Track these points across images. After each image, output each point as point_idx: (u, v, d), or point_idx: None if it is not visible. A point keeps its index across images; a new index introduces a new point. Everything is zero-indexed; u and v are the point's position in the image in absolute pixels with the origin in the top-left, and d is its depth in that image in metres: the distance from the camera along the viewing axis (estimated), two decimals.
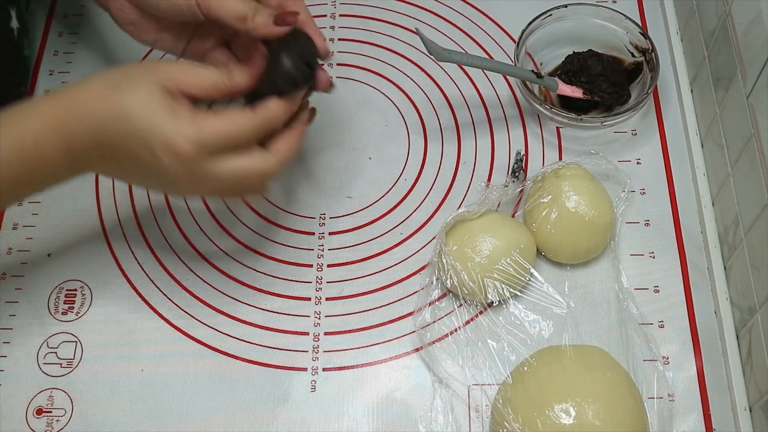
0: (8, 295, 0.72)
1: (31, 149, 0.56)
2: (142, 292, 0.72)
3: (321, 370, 0.68)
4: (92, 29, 0.87)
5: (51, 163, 0.57)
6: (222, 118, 0.57)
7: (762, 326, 0.62)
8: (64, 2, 0.88)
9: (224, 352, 0.69)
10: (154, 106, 0.56)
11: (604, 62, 0.78)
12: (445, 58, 0.71)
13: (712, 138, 0.74)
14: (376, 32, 0.86)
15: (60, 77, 0.83)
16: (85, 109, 0.56)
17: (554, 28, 0.80)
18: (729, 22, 0.69)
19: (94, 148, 0.57)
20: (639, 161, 0.77)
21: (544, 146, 0.78)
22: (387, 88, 0.82)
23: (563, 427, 0.60)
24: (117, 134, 0.56)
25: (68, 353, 0.69)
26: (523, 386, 0.63)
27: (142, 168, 0.57)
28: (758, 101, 0.64)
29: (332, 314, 0.71)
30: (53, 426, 0.66)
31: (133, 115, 0.55)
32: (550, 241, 0.70)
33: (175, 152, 0.56)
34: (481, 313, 0.69)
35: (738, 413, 0.65)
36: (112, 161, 0.58)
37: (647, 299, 0.70)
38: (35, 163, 0.56)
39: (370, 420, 0.66)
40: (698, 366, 0.68)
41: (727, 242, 0.70)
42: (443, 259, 0.68)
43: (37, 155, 0.56)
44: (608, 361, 0.64)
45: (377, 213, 0.75)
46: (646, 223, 0.74)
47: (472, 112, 0.81)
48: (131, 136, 0.56)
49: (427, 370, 0.67)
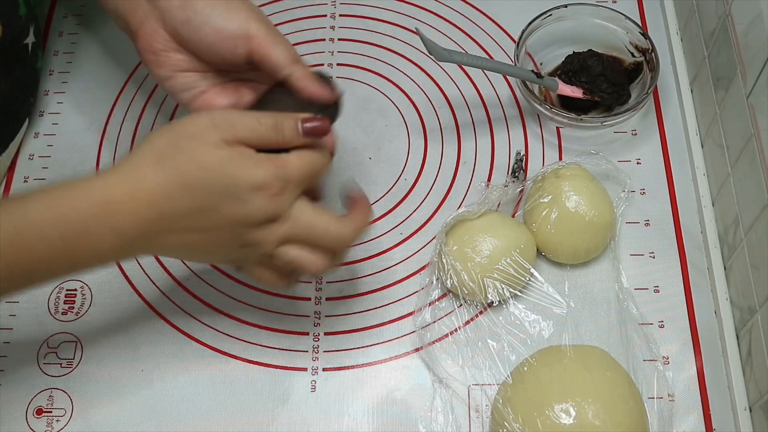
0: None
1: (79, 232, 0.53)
2: (142, 292, 0.72)
3: (321, 370, 0.68)
4: (92, 29, 0.87)
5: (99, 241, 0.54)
6: (300, 156, 0.57)
7: (762, 326, 0.62)
8: (64, 2, 0.88)
9: (224, 352, 0.69)
10: (227, 160, 0.54)
11: (604, 62, 0.78)
12: (445, 58, 0.71)
13: (712, 138, 0.74)
14: (376, 32, 0.86)
15: (60, 77, 0.83)
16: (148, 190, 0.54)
17: (554, 28, 0.80)
18: (729, 22, 0.69)
19: (166, 222, 0.54)
20: (639, 161, 0.77)
21: (544, 146, 0.78)
22: (387, 88, 0.82)
23: (563, 427, 0.60)
24: (196, 205, 0.54)
25: (68, 353, 0.69)
26: (523, 386, 0.63)
27: (222, 227, 0.55)
28: (758, 101, 0.64)
29: (332, 314, 0.71)
30: (53, 426, 0.66)
31: (210, 178, 0.54)
32: (550, 241, 0.70)
33: (266, 190, 0.54)
34: (481, 313, 0.69)
35: (738, 413, 0.65)
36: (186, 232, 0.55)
37: (647, 299, 0.70)
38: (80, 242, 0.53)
39: (370, 420, 0.66)
40: (698, 366, 0.68)
41: (727, 242, 0.70)
42: (443, 259, 0.68)
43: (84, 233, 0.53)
44: (608, 361, 0.64)
45: (377, 213, 0.75)
46: (646, 223, 0.74)
47: (472, 112, 0.81)
48: (214, 197, 0.54)
49: (427, 370, 0.67)
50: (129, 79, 0.83)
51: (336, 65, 0.84)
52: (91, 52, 0.85)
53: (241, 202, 0.55)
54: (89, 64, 0.84)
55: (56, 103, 0.82)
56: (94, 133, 0.80)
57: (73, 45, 0.86)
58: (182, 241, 0.56)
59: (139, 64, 0.84)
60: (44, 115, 0.81)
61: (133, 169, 0.54)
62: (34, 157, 0.79)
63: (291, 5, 0.87)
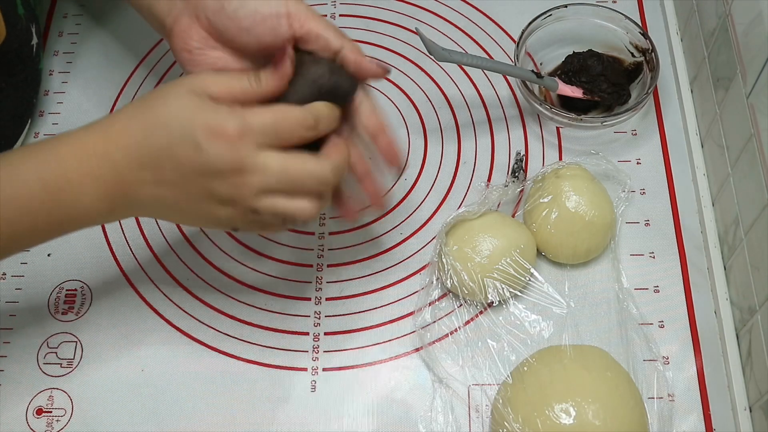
0: (8, 295, 0.72)
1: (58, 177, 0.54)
2: (142, 292, 0.72)
3: (321, 370, 0.68)
4: (92, 29, 0.87)
5: (80, 191, 0.54)
6: (267, 108, 0.56)
7: (762, 326, 0.62)
8: (64, 2, 0.88)
9: (224, 352, 0.69)
10: (191, 106, 0.55)
11: (604, 62, 0.78)
12: (445, 58, 0.71)
13: (712, 138, 0.74)
14: (376, 32, 0.86)
15: (60, 77, 0.83)
16: (119, 132, 0.55)
17: (554, 28, 0.80)
18: (729, 22, 0.69)
19: (135, 171, 0.55)
20: (639, 161, 0.77)
21: (544, 146, 0.78)
22: (387, 88, 0.82)
23: (563, 427, 0.60)
24: (159, 146, 0.54)
25: (68, 353, 0.69)
26: (523, 386, 0.63)
27: (188, 178, 0.55)
28: (758, 101, 0.64)
29: (332, 314, 0.71)
30: (53, 426, 0.66)
31: (172, 120, 0.54)
32: (550, 241, 0.70)
33: (221, 135, 0.53)
34: (481, 313, 0.69)
35: (738, 413, 0.65)
36: (156, 185, 0.55)
37: (647, 299, 0.70)
38: (62, 194, 0.54)
39: (370, 420, 0.66)
40: (698, 366, 0.68)
41: (727, 242, 0.70)
42: (443, 259, 0.68)
43: (64, 182, 0.54)
44: (608, 361, 0.64)
45: (377, 213, 0.75)
46: (646, 223, 0.74)
47: (472, 112, 0.81)
48: (174, 139, 0.54)
49: (427, 370, 0.67)
50: (129, 79, 0.83)
51: None
52: (91, 52, 0.85)
53: (199, 149, 0.54)
54: (89, 64, 0.84)
55: (56, 103, 0.82)
56: None
57: (73, 45, 0.86)
58: (156, 195, 0.56)
59: (139, 64, 0.84)
60: (44, 115, 0.81)
61: (110, 118, 0.56)
62: None
63: None
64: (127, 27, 0.86)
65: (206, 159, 0.54)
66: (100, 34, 0.86)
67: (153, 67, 0.84)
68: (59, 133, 0.57)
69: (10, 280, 0.72)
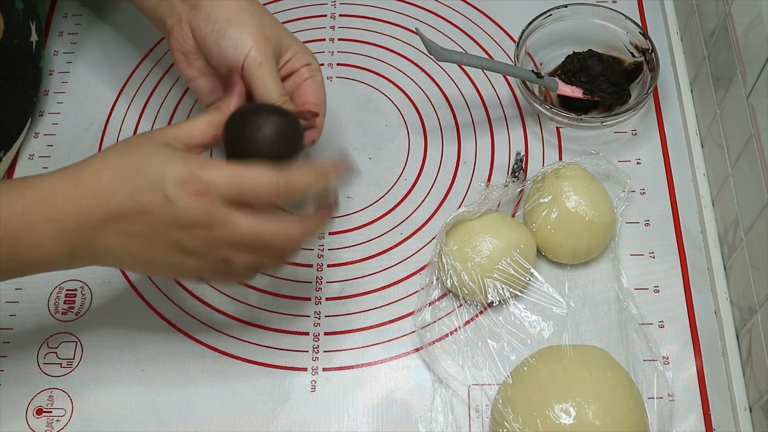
0: (8, 295, 0.72)
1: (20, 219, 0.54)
2: (142, 292, 0.72)
3: (321, 370, 0.68)
4: (92, 29, 0.87)
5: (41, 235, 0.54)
6: (235, 166, 0.56)
7: (762, 326, 0.62)
8: (64, 2, 0.88)
9: (224, 352, 0.69)
10: (162, 155, 0.55)
11: (604, 62, 0.78)
12: (445, 58, 0.71)
13: (712, 138, 0.74)
14: (376, 32, 0.86)
15: (60, 77, 0.83)
16: (89, 177, 0.55)
17: (554, 28, 0.80)
18: (729, 22, 0.69)
19: (103, 219, 0.55)
20: (639, 161, 0.77)
21: (544, 146, 0.78)
22: (387, 88, 0.82)
23: (563, 427, 0.60)
24: (128, 195, 0.54)
25: (68, 353, 0.69)
26: (523, 386, 0.63)
27: (156, 229, 0.55)
28: (758, 101, 0.64)
29: (332, 314, 0.71)
30: (53, 426, 0.66)
31: (143, 171, 0.55)
32: (550, 241, 0.70)
33: (190, 187, 0.54)
34: (481, 313, 0.69)
35: (738, 413, 0.65)
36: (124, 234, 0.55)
37: (647, 299, 0.70)
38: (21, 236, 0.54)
39: (370, 420, 0.66)
40: (698, 366, 0.68)
41: (727, 242, 0.70)
42: (443, 259, 0.68)
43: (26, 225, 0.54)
44: (608, 361, 0.64)
45: (377, 213, 0.75)
46: (646, 223, 0.74)
47: (472, 112, 0.81)
48: (144, 189, 0.54)
49: (427, 370, 0.67)
50: (129, 79, 0.83)
51: (336, 65, 0.84)
52: (91, 52, 0.85)
53: (168, 199, 0.54)
54: (89, 64, 0.84)
55: (56, 103, 0.82)
56: (94, 133, 0.80)
57: (73, 45, 0.86)
58: (122, 244, 0.56)
59: (138, 65, 0.84)
60: (44, 115, 0.81)
61: (81, 165, 0.56)
62: (34, 157, 0.79)
63: (291, 5, 0.87)
64: (127, 27, 0.86)
65: (175, 211, 0.55)
66: (100, 35, 0.86)
67: (153, 67, 0.84)
68: (28, 176, 0.57)
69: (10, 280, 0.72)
